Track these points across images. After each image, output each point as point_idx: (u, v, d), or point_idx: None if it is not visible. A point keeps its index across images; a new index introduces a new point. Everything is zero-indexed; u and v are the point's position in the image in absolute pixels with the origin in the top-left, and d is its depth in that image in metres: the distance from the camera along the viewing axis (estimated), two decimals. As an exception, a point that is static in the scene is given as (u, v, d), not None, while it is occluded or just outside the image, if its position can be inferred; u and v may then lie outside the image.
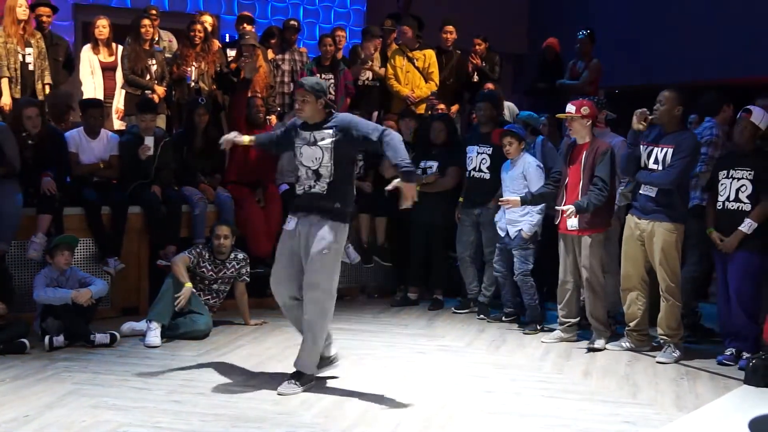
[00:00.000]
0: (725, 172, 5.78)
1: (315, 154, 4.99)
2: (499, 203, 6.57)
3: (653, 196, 5.76)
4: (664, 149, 5.73)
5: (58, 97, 7.54)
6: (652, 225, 5.80)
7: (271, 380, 5.25)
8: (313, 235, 4.96)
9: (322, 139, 4.96)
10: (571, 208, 5.94)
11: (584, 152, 6.05)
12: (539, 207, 6.59)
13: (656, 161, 5.77)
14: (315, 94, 4.97)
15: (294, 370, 5.12)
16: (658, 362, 5.78)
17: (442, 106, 8.56)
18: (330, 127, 4.98)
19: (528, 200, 6.39)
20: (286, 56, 8.89)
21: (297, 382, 5.03)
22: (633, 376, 5.49)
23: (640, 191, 5.86)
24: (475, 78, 9.06)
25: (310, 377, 5.11)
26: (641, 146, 5.86)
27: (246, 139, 5.36)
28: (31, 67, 7.64)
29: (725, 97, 6.52)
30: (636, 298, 6.00)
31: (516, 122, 7.26)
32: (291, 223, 5.08)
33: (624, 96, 10.97)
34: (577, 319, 6.35)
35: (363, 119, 5.13)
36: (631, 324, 6.07)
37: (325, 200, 4.97)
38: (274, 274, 5.18)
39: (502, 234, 6.81)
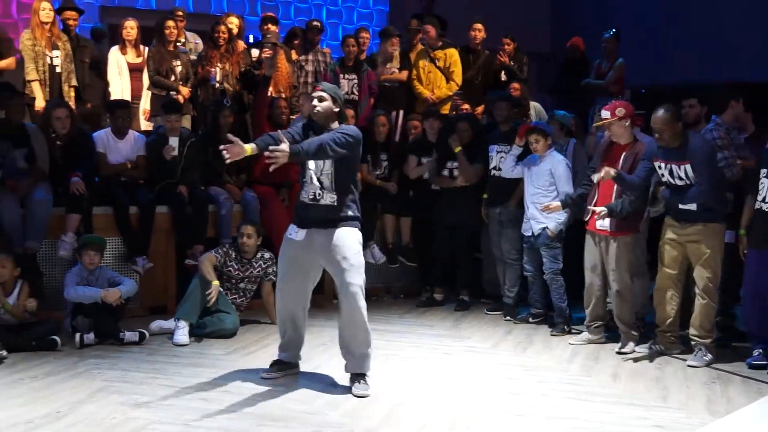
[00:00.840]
0: (765, 170, 5.65)
1: (318, 161, 5.00)
2: (542, 210, 6.53)
3: (694, 209, 5.70)
4: (682, 166, 5.65)
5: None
6: (693, 227, 5.73)
7: (297, 379, 5.30)
8: (332, 241, 4.97)
9: None
10: (603, 210, 5.90)
11: (623, 153, 6.00)
12: None
13: (680, 178, 5.70)
14: (332, 96, 5.04)
15: (350, 374, 5.15)
16: (689, 366, 5.72)
17: (466, 106, 8.54)
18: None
19: (569, 203, 6.36)
20: (310, 57, 8.91)
21: (366, 382, 5.08)
22: (663, 380, 5.45)
23: (679, 206, 5.77)
24: (503, 77, 9.04)
25: (368, 375, 5.15)
26: (658, 164, 5.78)
27: (248, 152, 4.89)
28: (58, 69, 7.72)
29: (733, 92, 6.35)
30: (670, 297, 5.94)
31: (550, 122, 7.24)
32: (300, 233, 5.05)
33: (650, 95, 10.92)
34: (605, 321, 6.32)
35: (351, 136, 4.93)
36: (663, 324, 6.02)
37: (336, 211, 5.00)
38: (283, 289, 5.21)
39: (527, 234, 6.80)
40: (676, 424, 4.61)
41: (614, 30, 9.18)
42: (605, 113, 6.01)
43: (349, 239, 4.99)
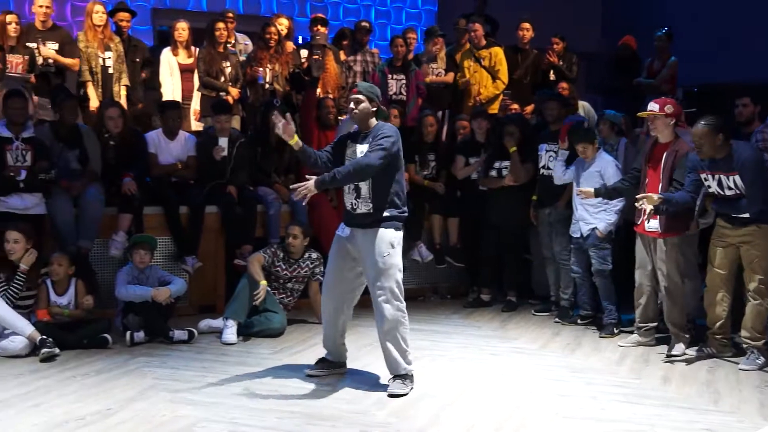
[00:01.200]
0: None
1: None
2: (577, 193, 6.46)
3: (748, 216, 5.58)
4: (731, 177, 5.55)
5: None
6: (745, 228, 5.61)
7: (345, 379, 5.31)
8: (369, 241, 5.00)
9: (361, 152, 5.02)
10: (651, 209, 5.75)
11: (665, 153, 5.91)
12: (616, 207, 6.49)
13: (729, 188, 5.60)
14: (368, 96, 5.05)
15: (391, 376, 5.14)
16: (740, 369, 5.61)
17: (515, 106, 8.51)
18: (368, 140, 5.03)
19: (602, 192, 6.28)
20: (358, 57, 8.94)
21: (403, 382, 5.07)
22: (714, 383, 5.35)
23: (732, 215, 5.68)
24: (552, 76, 8.97)
25: (410, 375, 5.13)
26: (704, 176, 5.67)
27: (293, 140, 5.03)
28: (110, 70, 7.87)
29: None
30: (721, 299, 5.83)
31: (600, 122, 7.19)
32: (346, 230, 5.14)
33: (703, 94, 10.76)
34: (655, 323, 6.22)
35: (389, 135, 4.98)
36: (714, 326, 5.92)
37: (373, 216, 5.01)
38: (326, 285, 5.29)
39: (576, 235, 6.73)
40: (728, 428, 4.53)
41: (666, 28, 9.05)
42: (654, 106, 5.91)
43: (381, 242, 4.99)
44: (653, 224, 5.92)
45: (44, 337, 5.64)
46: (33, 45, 7.50)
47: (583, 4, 12.82)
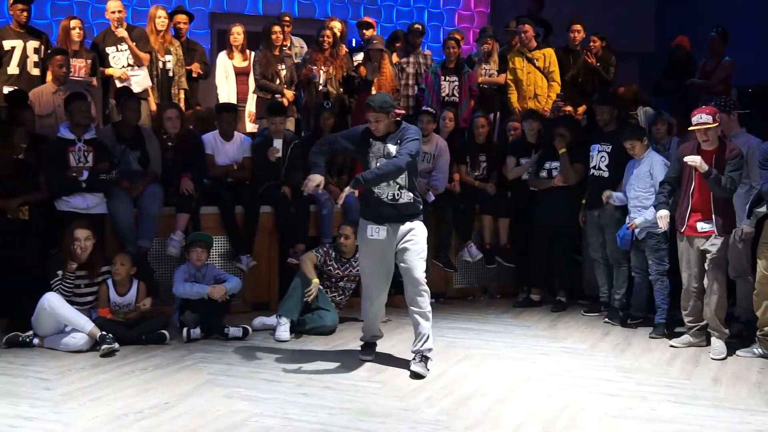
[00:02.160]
0: None
1: None
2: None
3: None
4: None
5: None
6: None
7: (395, 376, 5.38)
8: (407, 235, 5.36)
9: (389, 153, 5.29)
10: (696, 160, 5.72)
11: (714, 156, 5.86)
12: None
13: None
14: (385, 112, 5.27)
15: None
16: (792, 370, 5.58)
17: (568, 108, 8.49)
18: (395, 140, 5.29)
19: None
20: (411, 59, 8.98)
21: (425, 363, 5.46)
22: (766, 384, 5.30)
23: None
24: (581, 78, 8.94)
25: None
26: None
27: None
28: (170, 74, 8.07)
29: None
30: None
31: (661, 122, 7.17)
32: (382, 232, 5.37)
33: (757, 94, 10.58)
34: (706, 322, 6.17)
35: (416, 139, 5.28)
36: (765, 329, 5.86)
37: (412, 207, 5.39)
38: (375, 288, 5.56)
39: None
40: (780, 430, 4.50)
41: (720, 28, 8.94)
42: (707, 118, 5.81)
43: (423, 233, 5.40)
44: (705, 226, 5.89)
45: (104, 333, 5.79)
46: (113, 48, 7.78)
47: (637, 4, 12.69)
